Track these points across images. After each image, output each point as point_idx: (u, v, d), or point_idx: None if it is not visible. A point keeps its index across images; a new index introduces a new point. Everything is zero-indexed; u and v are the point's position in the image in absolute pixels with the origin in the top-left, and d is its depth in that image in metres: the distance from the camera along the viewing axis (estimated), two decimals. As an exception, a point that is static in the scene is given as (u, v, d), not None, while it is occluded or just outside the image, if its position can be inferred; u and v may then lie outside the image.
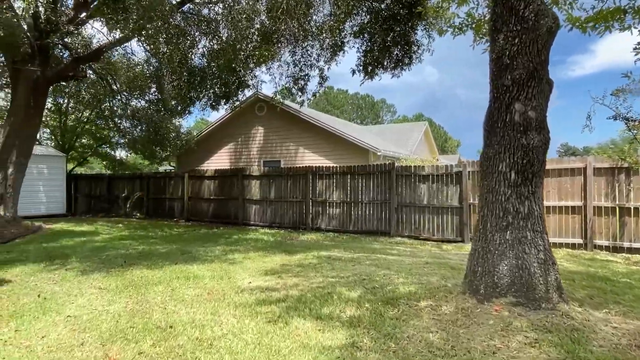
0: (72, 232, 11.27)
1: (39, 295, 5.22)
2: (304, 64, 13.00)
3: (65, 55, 14.43)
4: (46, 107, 19.56)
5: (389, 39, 11.41)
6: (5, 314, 4.59)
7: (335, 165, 13.78)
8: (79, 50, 12.81)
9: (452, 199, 10.52)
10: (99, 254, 8.17)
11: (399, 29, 11.13)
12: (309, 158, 16.85)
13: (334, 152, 16.48)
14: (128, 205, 17.31)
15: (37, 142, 20.38)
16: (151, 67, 15.79)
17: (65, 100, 19.66)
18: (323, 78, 13.13)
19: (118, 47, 16.11)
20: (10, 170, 12.25)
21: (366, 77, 11.64)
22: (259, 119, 18.44)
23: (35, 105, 12.76)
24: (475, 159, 9.78)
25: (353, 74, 11.63)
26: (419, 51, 11.92)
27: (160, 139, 16.49)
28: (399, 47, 11.72)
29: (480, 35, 6.07)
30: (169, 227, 13.21)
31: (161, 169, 27.61)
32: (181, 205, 16.07)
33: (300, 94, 13.17)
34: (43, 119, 20.52)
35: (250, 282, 5.67)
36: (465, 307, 3.92)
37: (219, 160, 19.29)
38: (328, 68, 12.73)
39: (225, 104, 13.78)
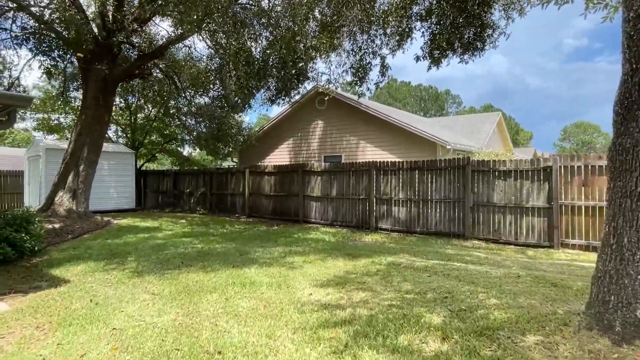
0: (136, 228, 11.40)
1: (91, 300, 4.95)
2: (365, 52, 12.13)
3: (132, 54, 14.75)
4: (117, 105, 20.50)
5: (460, 20, 10.22)
6: (55, 320, 4.32)
7: (400, 160, 12.82)
8: (143, 47, 12.94)
9: (539, 198, 9.18)
10: (158, 252, 7.97)
11: (472, 8, 9.91)
12: (371, 153, 15.97)
13: (399, 146, 15.46)
14: (192, 201, 17.54)
15: (109, 140, 21.41)
16: (213, 64, 15.76)
17: (135, 99, 20.41)
18: (385, 67, 12.18)
19: (181, 45, 16.28)
20: (81, 167, 12.68)
21: (432, 63, 10.55)
22: (319, 113, 17.85)
23: (104, 103, 13.11)
24: (551, 151, 8.37)
25: (417, 61, 10.60)
26: (494, 35, 10.61)
27: (222, 135, 16.46)
28: (472, 29, 10.49)
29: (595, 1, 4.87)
30: (229, 224, 13.03)
31: (226, 164, 28.12)
32: (242, 201, 15.94)
33: (360, 84, 12.33)
34: (115, 117, 21.59)
35: (310, 294, 5.01)
36: (596, 350, 2.94)
37: (279, 156, 19.00)
38: (393, 55, 11.79)
39: (284, 96, 13.28)
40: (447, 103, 69.97)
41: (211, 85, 16.87)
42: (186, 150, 24.00)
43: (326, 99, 17.24)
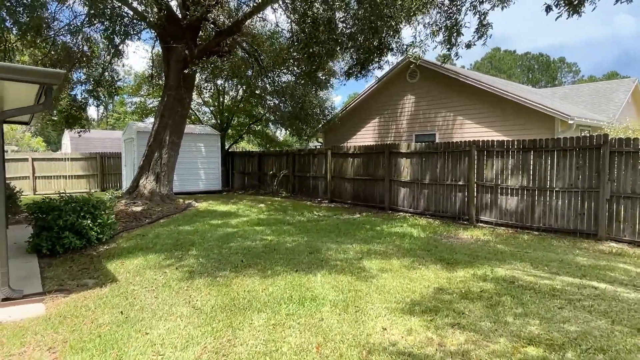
0: (213, 213, 10.97)
1: (122, 312, 4.17)
2: (458, 8, 10.00)
3: (211, 33, 14.31)
4: (205, 87, 20.67)
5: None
6: (72, 339, 3.58)
7: (508, 139, 10.59)
8: (220, 22, 12.29)
9: None
10: (223, 245, 7.20)
11: None
12: (471, 130, 13.74)
13: (505, 122, 13.02)
14: (275, 183, 17.01)
15: (198, 122, 21.81)
16: (292, 37, 14.74)
17: (220, 80, 20.37)
18: (484, 26, 9.95)
19: (259, 20, 15.49)
20: (164, 150, 12.61)
21: (570, 9, 8.06)
22: (410, 87, 15.92)
23: (184, 84, 12.82)
24: None
25: (548, 11, 8.20)
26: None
27: (304, 115, 15.46)
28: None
29: None
30: (308, 210, 12.06)
31: (313, 145, 27.48)
32: (324, 184, 14.91)
33: (452, 45, 10.23)
34: (205, 98, 21.88)
35: (385, 329, 3.65)
36: None
37: (365, 136, 17.53)
38: (503, 7, 9.49)
39: (361, 71, 11.72)
40: (561, 72, 61.33)
41: (292, 62, 15.95)
42: (273, 131, 23.67)
43: (417, 70, 15.25)
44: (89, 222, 7.13)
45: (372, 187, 12.82)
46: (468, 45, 9.76)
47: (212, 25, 13.58)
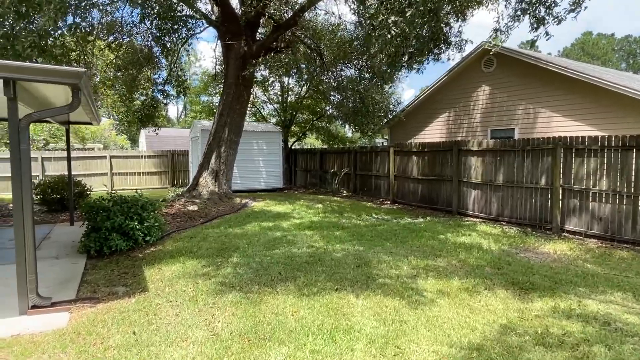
0: (267, 214, 10.64)
1: (134, 333, 3.81)
2: None
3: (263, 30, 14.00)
4: (271, 85, 20.62)
5: None
6: (77, 362, 3.25)
7: (603, 134, 8.96)
8: (276, 17, 11.90)
9: None
10: (267, 251, 6.73)
11: None
12: (557, 124, 11.99)
13: (599, 114, 11.14)
14: (336, 182, 16.42)
15: (263, 120, 21.86)
16: (356, 31, 13.98)
17: (287, 77, 20.17)
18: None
19: (322, 12, 14.90)
20: (222, 148, 12.56)
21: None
22: (485, 77, 14.39)
23: (243, 81, 12.66)
24: None
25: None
26: None
27: (366, 110, 14.64)
28: None
29: None
30: (367, 212, 11.28)
31: (378, 141, 26.51)
32: (386, 184, 14.01)
33: (540, 24, 8.74)
34: (268, 95, 21.86)
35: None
36: None
37: (434, 132, 16.25)
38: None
39: (415, 64, 10.61)
40: (672, 57, 53.33)
41: (355, 55, 15.17)
42: (336, 128, 23.10)
43: (494, 58, 13.69)
44: (135, 223, 7.04)
45: (438, 188, 11.70)
46: (558, 20, 8.27)
47: (269, 20, 13.26)
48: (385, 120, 15.93)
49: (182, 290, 4.95)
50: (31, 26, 7.67)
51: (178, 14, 11.90)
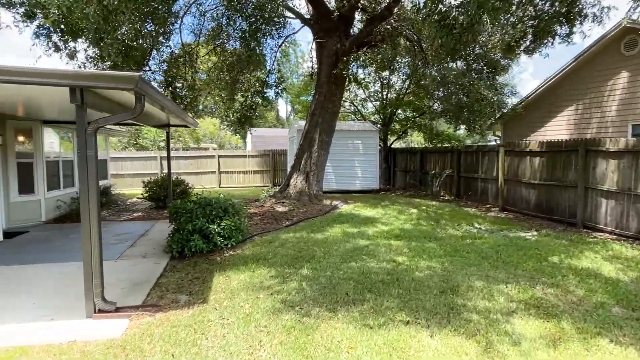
0: (354, 218, 10.04)
1: (173, 355, 3.54)
2: None
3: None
4: (370, 82, 19.92)
5: None
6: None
7: None
8: (369, 9, 11.19)
9: None
10: (343, 264, 6.15)
11: None
12: None
13: None
14: (436, 184, 15.11)
15: (362, 118, 21.25)
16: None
17: (386, 73, 19.28)
18: None
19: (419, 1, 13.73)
20: (314, 149, 12.31)
21: None
22: (626, 62, 11.83)
23: (335, 80, 12.25)
24: None
25: None
26: None
27: (471, 106, 13.12)
28: None
29: None
30: (469, 220, 9.98)
31: (491, 139, 24.09)
32: (494, 188, 12.38)
33: None
34: (372, 93, 21.16)
35: None
36: None
37: (556, 129, 13.96)
38: None
39: (538, 47, 8.90)
40: None
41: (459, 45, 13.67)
42: (441, 125, 21.46)
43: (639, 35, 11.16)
44: (215, 226, 7.03)
45: (558, 195, 9.86)
46: None
47: (363, 13, 12.60)
48: (497, 115, 14.11)
49: (240, 305, 4.62)
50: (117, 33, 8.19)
51: (271, 14, 11.90)
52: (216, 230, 7.01)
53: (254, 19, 12.17)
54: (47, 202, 9.81)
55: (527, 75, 71.41)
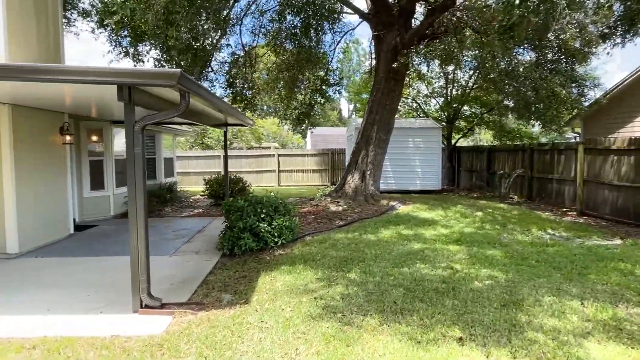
0: (411, 220, 9.53)
1: (205, 358, 3.42)
2: None
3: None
4: (433, 77, 19.06)
5: None
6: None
7: None
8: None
9: None
10: (392, 269, 5.78)
11: None
12: None
13: None
14: (505, 185, 14.04)
15: (424, 115, 20.42)
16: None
17: (451, 68, 18.31)
18: None
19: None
20: (370, 147, 11.95)
21: None
22: None
23: (394, 76, 11.79)
24: None
25: None
26: None
27: (542, 99, 11.97)
28: None
29: None
30: (540, 225, 9.06)
31: (570, 136, 22.11)
32: (572, 190, 11.20)
33: None
34: (436, 89, 20.26)
35: None
36: None
37: (647, 123, 12.35)
38: None
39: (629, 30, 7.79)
40: None
41: (535, 33, 12.54)
42: (513, 122, 20.00)
43: None
44: (265, 225, 6.97)
45: (649, 199, 8.65)
46: None
47: (424, 2, 11.98)
48: (574, 111, 12.78)
49: (281, 308, 4.45)
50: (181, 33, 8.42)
51: (324, 8, 11.72)
52: (266, 228, 6.95)
53: (311, 13, 12.07)
54: (115, 198, 10.40)
55: (612, 67, 64.83)
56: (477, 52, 14.18)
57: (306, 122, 16.28)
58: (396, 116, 19.91)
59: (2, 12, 6.03)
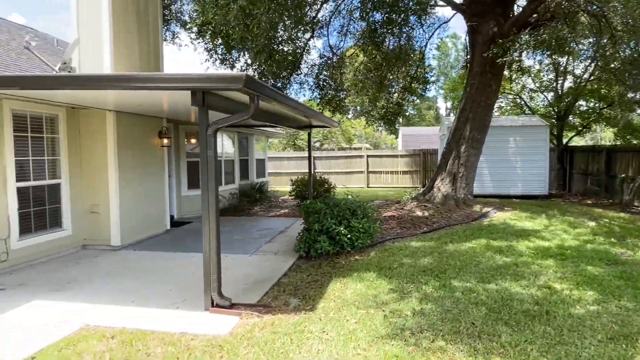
0: (506, 229, 8.58)
1: (260, 366, 3.35)
2: None
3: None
4: (541, 70, 17.20)
5: None
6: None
7: None
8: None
9: None
10: (475, 285, 5.20)
11: None
12: None
13: None
14: (629, 192, 12.05)
15: (530, 112, 18.54)
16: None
17: (564, 59, 16.31)
18: None
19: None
20: (462, 147, 11.13)
21: None
22: None
23: (490, 69, 10.82)
24: None
25: None
26: None
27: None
28: None
29: None
30: (672, 241, 7.54)
31: None
32: None
33: None
34: (545, 83, 18.26)
35: None
36: None
37: None
38: None
39: None
40: None
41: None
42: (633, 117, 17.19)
43: None
44: (341, 228, 6.80)
45: None
46: None
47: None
48: None
49: (346, 319, 4.23)
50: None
51: (413, 4, 11.16)
52: (343, 232, 6.77)
53: (399, 9, 11.61)
54: (210, 197, 11.10)
55: None
56: (594, 39, 12.41)
57: (393, 121, 15.77)
58: (496, 113, 18.43)
59: (109, 29, 6.74)
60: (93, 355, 3.57)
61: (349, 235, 6.82)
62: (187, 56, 61.98)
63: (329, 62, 14.31)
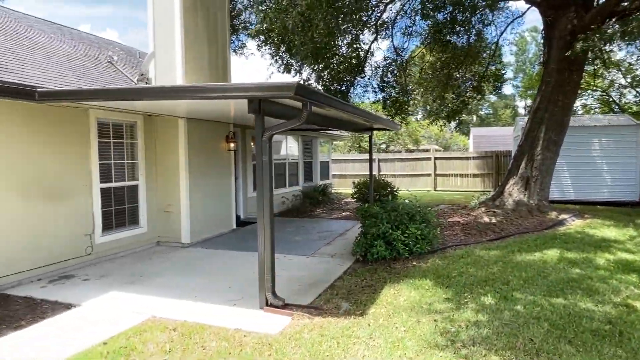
0: (584, 239, 7.86)
1: (304, 367, 3.43)
2: None
3: None
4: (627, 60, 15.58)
5: None
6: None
7: None
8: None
9: None
10: (541, 299, 4.85)
11: None
12: None
13: None
14: None
15: (619, 110, 16.81)
16: None
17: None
18: None
19: None
20: (537, 150, 10.42)
21: None
22: None
23: (569, 66, 10.03)
24: None
25: None
26: None
27: None
28: None
29: None
30: None
31: None
32: None
33: None
34: (635, 77, 16.53)
35: None
36: None
37: None
38: None
39: None
40: None
41: None
42: None
43: None
44: (398, 233, 6.71)
45: None
46: None
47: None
48: None
49: (395, 327, 4.18)
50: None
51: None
52: (400, 237, 6.67)
53: (467, 5, 11.16)
54: (275, 198, 11.49)
55: None
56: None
57: (454, 118, 15.14)
58: (580, 112, 17.03)
59: (181, 43, 7.28)
60: (156, 345, 3.89)
61: (405, 241, 6.70)
62: (254, 65, 64.61)
63: (393, 63, 14.13)
